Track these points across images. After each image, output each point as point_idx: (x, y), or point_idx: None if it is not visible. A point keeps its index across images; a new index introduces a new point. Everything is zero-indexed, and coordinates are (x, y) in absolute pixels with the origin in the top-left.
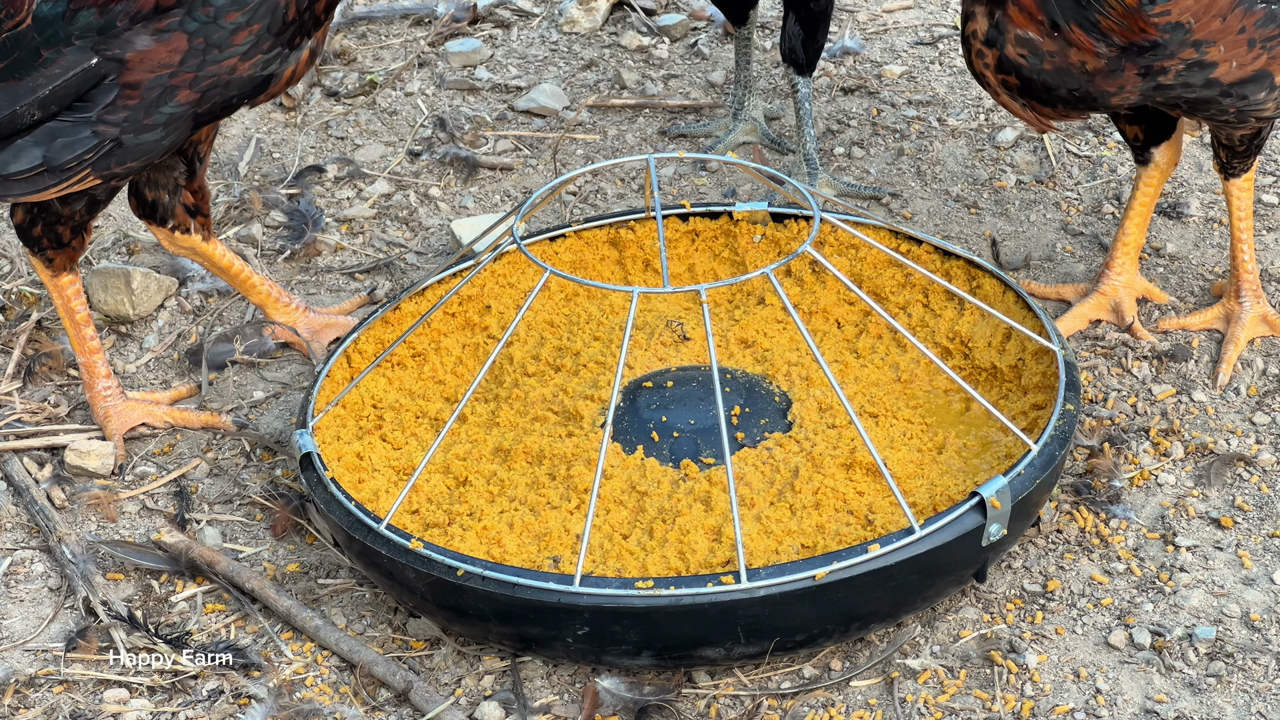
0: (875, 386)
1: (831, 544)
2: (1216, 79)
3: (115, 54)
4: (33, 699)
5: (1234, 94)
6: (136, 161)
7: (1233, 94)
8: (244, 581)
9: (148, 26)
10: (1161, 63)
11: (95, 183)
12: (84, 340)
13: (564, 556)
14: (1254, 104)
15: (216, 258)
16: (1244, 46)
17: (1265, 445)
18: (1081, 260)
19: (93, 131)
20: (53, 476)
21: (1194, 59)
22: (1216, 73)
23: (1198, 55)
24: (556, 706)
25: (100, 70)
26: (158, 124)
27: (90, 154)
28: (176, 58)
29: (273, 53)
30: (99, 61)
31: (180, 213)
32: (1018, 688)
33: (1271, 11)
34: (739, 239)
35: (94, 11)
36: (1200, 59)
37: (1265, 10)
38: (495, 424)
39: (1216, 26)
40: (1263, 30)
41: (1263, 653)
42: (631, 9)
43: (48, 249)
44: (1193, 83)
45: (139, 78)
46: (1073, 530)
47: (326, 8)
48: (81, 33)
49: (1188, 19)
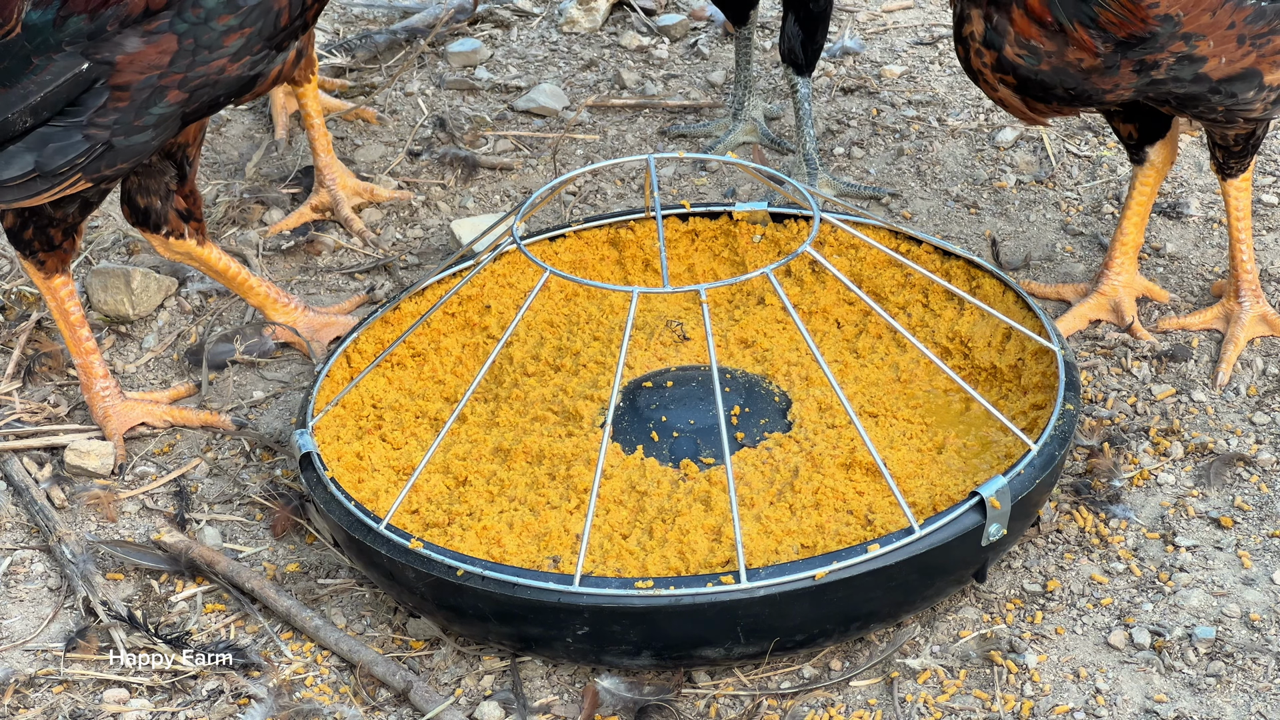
0: (875, 386)
1: (831, 544)
2: (1206, 74)
3: (105, 57)
4: (32, 699)
5: (1223, 91)
6: (127, 163)
7: (1221, 91)
8: (244, 581)
9: (137, 29)
10: (1153, 56)
11: (86, 186)
12: (79, 341)
13: (564, 556)
14: (1242, 103)
15: (212, 261)
16: (1233, 42)
17: (1265, 445)
18: (1081, 260)
19: (84, 135)
20: (52, 476)
21: (1183, 52)
22: (1206, 68)
23: (1187, 49)
24: (556, 706)
25: (90, 75)
26: (148, 125)
27: (82, 158)
28: (166, 59)
29: (261, 54)
30: (89, 66)
31: (173, 218)
32: (1018, 688)
33: (1260, 8)
34: (739, 239)
35: (84, 17)
36: (1190, 53)
37: (1255, 7)
38: (495, 424)
39: (1206, 20)
40: (1252, 27)
41: (1263, 653)
42: (631, 9)
43: (39, 252)
44: (1182, 77)
45: (129, 79)
46: (1072, 530)
47: (316, 13)
48: (71, 38)
49: (1176, 11)
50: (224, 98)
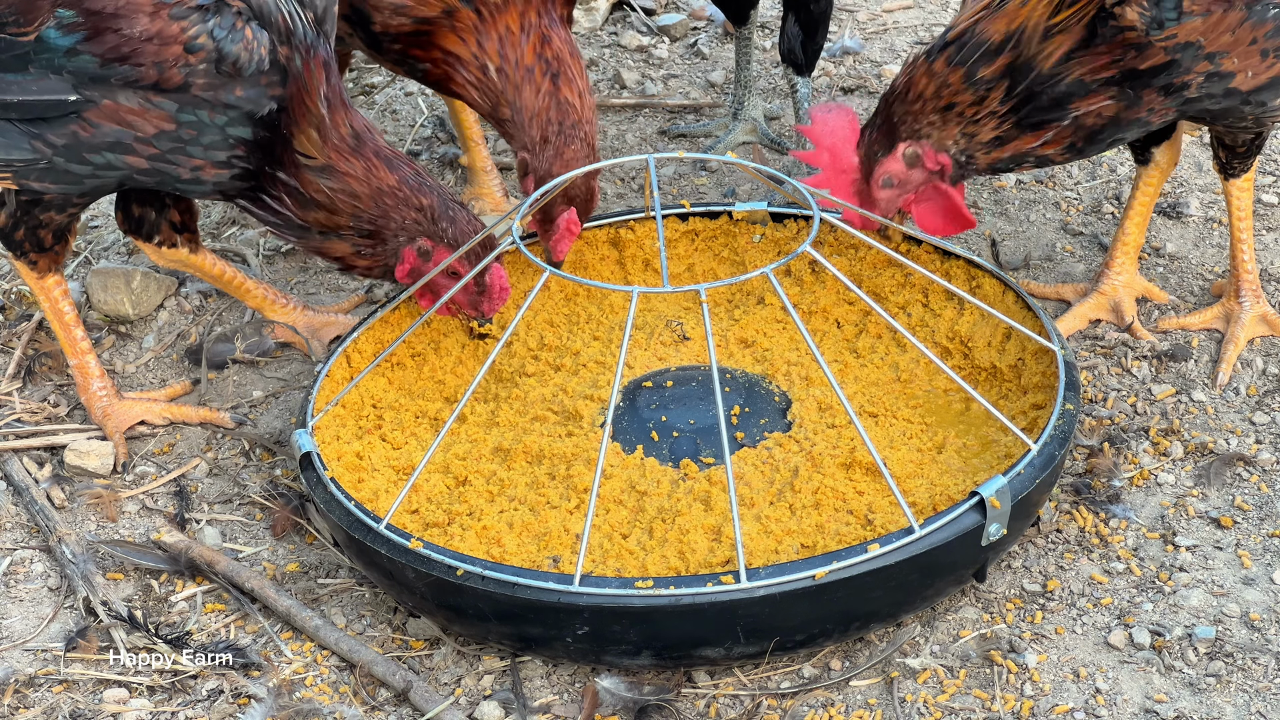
0: (875, 386)
1: (831, 544)
2: (1235, 88)
3: (93, 96)
4: (33, 699)
5: (1253, 101)
6: (56, 186)
7: (1251, 101)
8: (244, 581)
9: (142, 93)
10: (1181, 79)
11: (9, 185)
12: (74, 341)
13: (564, 556)
14: (1271, 110)
15: (206, 267)
16: (1257, 56)
17: (1265, 445)
18: (1081, 260)
19: (31, 145)
20: (52, 476)
21: (1210, 70)
22: (1234, 82)
23: (1213, 67)
24: (556, 706)
25: (72, 107)
26: (91, 163)
27: (21, 163)
28: (152, 130)
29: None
30: (75, 100)
31: (166, 229)
32: (1017, 687)
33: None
34: (739, 239)
35: (96, 60)
36: (1217, 70)
37: (1276, 23)
38: (495, 424)
39: (1228, 40)
40: (1274, 40)
41: (1262, 652)
42: (631, 9)
43: (30, 252)
44: (1214, 93)
45: (101, 120)
46: (1072, 530)
47: None
48: (74, 70)
49: (1197, 38)
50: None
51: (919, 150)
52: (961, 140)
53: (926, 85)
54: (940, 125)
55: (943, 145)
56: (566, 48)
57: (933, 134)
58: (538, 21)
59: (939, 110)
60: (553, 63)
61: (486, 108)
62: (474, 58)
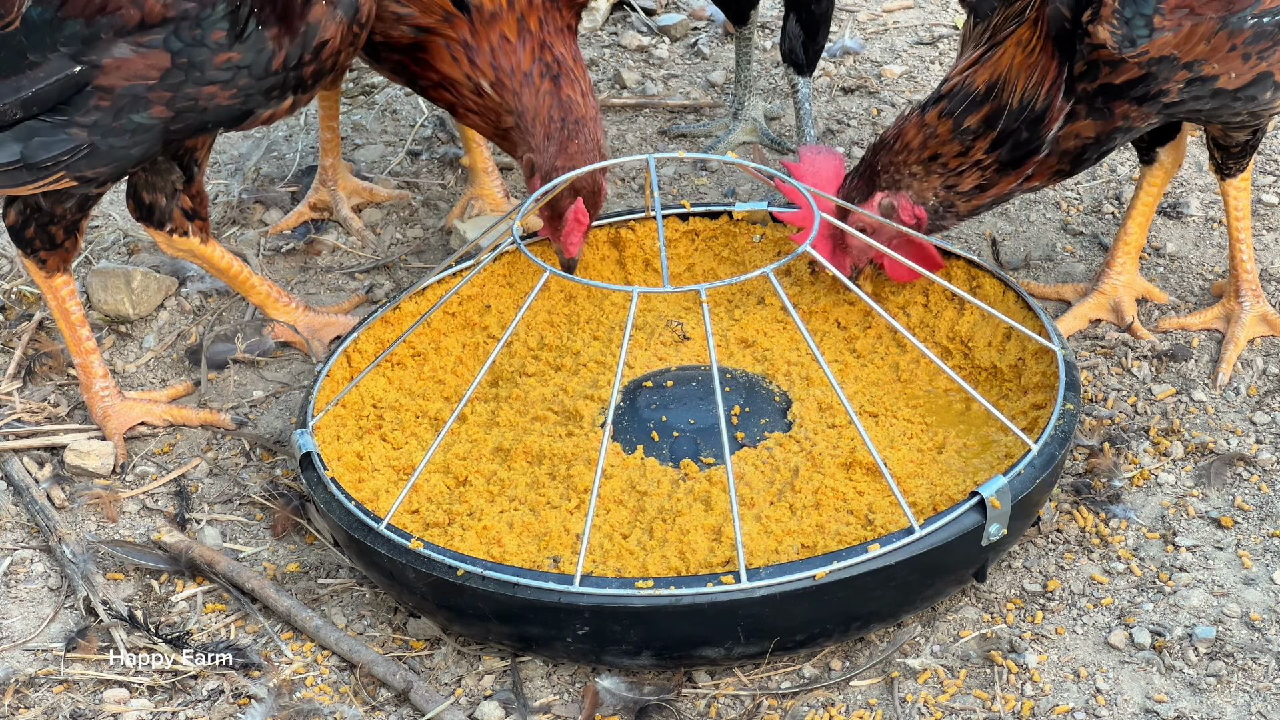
0: (875, 386)
1: (831, 544)
2: (1221, 88)
3: (93, 60)
4: (33, 699)
5: (1243, 97)
6: (107, 167)
7: (1241, 98)
8: (244, 581)
9: (130, 39)
10: (1159, 87)
11: (71, 184)
12: (80, 341)
13: (564, 556)
14: (1263, 104)
15: (215, 259)
16: (1238, 60)
17: (1265, 445)
18: (1081, 260)
19: (67, 134)
20: (53, 476)
21: (1191, 77)
22: (1219, 83)
23: (1192, 74)
24: (556, 706)
25: (80, 79)
26: (126, 130)
27: (66, 155)
28: (155, 73)
29: (253, 92)
30: (80, 70)
31: (178, 216)
32: (1018, 687)
33: (1261, 28)
34: (739, 239)
35: (80, 22)
36: (1198, 75)
37: (1255, 28)
38: (495, 424)
39: (1204, 49)
40: (1255, 45)
41: (1263, 652)
42: (631, 9)
43: (40, 250)
44: (1200, 95)
45: (113, 83)
46: (1073, 530)
47: (315, 74)
48: (67, 41)
49: (1170, 51)
50: (213, 124)
51: (894, 202)
52: (942, 192)
53: (914, 136)
54: (922, 176)
55: (921, 197)
56: (569, 53)
57: (913, 185)
58: (538, 30)
59: (922, 161)
60: (552, 65)
61: (490, 130)
62: (467, 79)
